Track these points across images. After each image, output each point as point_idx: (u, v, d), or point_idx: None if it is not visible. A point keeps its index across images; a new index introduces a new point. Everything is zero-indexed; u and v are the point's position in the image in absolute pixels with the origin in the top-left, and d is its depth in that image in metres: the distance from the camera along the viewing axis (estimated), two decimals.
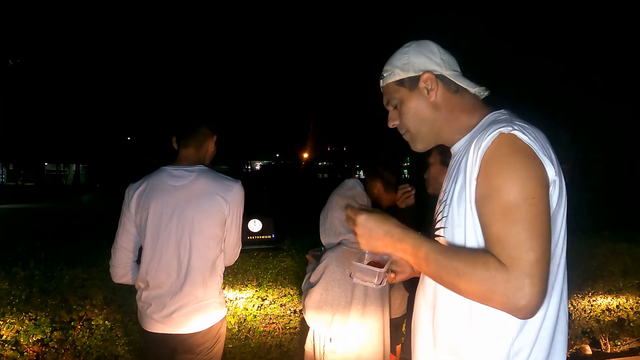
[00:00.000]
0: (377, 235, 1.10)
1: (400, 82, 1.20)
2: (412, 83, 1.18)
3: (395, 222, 1.10)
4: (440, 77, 1.17)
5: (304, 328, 3.05)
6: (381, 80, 1.25)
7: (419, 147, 1.24)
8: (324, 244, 2.23)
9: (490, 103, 1.21)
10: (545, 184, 0.96)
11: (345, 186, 2.23)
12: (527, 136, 0.97)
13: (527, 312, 0.89)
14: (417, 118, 1.19)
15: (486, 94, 1.21)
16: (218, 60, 37.78)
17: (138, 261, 2.00)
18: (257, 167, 50.93)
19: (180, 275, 1.89)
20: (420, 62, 1.17)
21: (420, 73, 1.17)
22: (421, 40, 1.22)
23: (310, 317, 2.08)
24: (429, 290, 1.15)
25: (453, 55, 1.23)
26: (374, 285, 1.21)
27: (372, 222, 1.10)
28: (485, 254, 0.95)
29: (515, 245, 0.91)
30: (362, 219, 1.12)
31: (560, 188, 1.01)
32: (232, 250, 2.06)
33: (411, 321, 1.26)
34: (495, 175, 0.96)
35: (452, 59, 1.21)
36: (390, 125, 1.25)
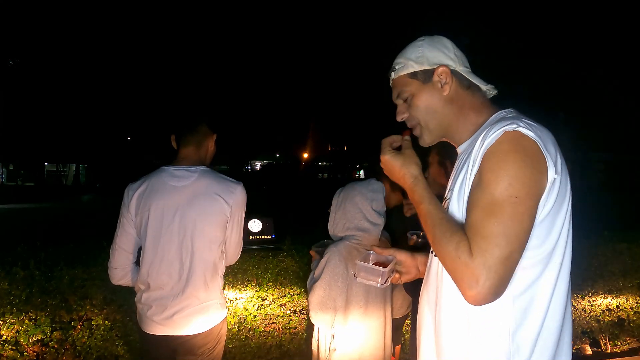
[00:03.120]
0: (395, 174, 1.19)
1: (414, 75, 1.19)
2: (425, 76, 1.18)
3: (414, 169, 1.17)
4: (454, 72, 1.17)
5: (308, 327, 3.05)
6: (392, 73, 1.24)
7: (427, 140, 1.23)
8: (330, 233, 2.22)
9: (495, 103, 1.22)
10: (536, 186, 0.96)
11: (369, 186, 2.21)
12: (532, 132, 0.98)
13: (473, 300, 0.93)
14: (428, 111, 1.18)
15: (494, 92, 1.22)
16: (218, 60, 37.78)
17: (137, 262, 1.98)
18: (257, 167, 50.91)
19: (182, 277, 1.87)
20: (434, 55, 1.17)
21: (435, 66, 1.16)
22: (434, 35, 1.22)
23: (314, 314, 2.08)
24: (431, 290, 1.16)
25: (463, 53, 1.24)
26: (378, 285, 1.22)
27: (392, 164, 1.19)
28: (462, 235, 0.98)
29: (484, 237, 0.93)
30: (385, 159, 1.20)
31: (563, 187, 1.00)
32: (234, 251, 2.06)
33: (415, 321, 1.27)
34: (488, 170, 0.98)
35: (464, 56, 1.22)
36: (399, 118, 1.25)
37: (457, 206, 1.07)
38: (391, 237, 2.42)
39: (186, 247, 1.87)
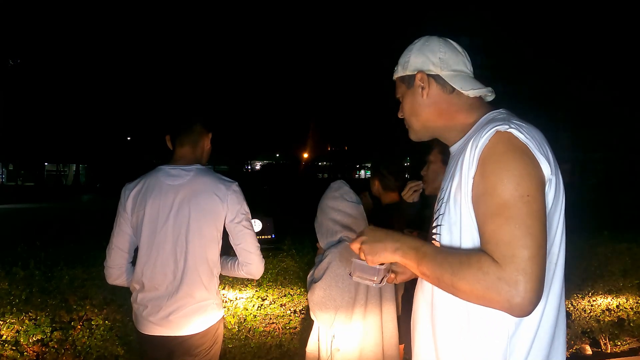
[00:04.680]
0: (378, 251, 1.13)
1: (402, 79, 1.26)
2: (409, 81, 1.24)
3: (392, 237, 1.12)
4: (434, 77, 1.20)
5: (305, 328, 3.05)
6: (394, 75, 1.31)
7: (412, 137, 1.31)
8: (323, 247, 2.24)
9: (490, 102, 1.22)
10: (541, 182, 0.96)
11: (332, 188, 2.28)
12: (523, 134, 0.98)
13: (522, 310, 0.89)
14: (411, 113, 1.25)
15: (491, 96, 1.22)
16: (218, 60, 37.78)
17: (134, 262, 1.97)
18: (257, 167, 50.91)
19: (177, 276, 1.86)
20: (417, 61, 1.21)
21: (415, 72, 1.21)
22: (429, 37, 1.24)
23: (314, 313, 2.09)
24: (427, 289, 1.16)
25: (464, 53, 1.24)
26: (374, 284, 1.21)
27: (371, 244, 1.14)
28: (479, 252, 0.96)
29: (508, 243, 0.91)
30: (363, 247, 1.16)
31: (557, 187, 1.01)
32: (257, 254, 1.96)
33: (409, 320, 1.27)
34: (490, 174, 0.97)
35: (457, 58, 1.22)
36: (399, 115, 1.32)
37: (454, 208, 1.07)
38: None
39: (181, 246, 1.86)
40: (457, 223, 1.05)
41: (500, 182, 0.95)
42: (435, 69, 1.19)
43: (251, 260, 1.96)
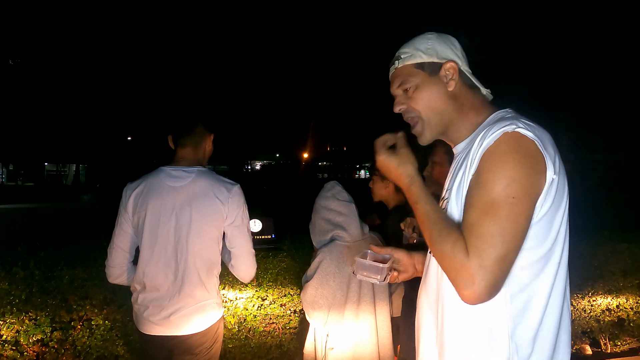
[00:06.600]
0: (391, 174, 1.16)
1: (420, 66, 1.16)
2: (433, 69, 1.15)
3: (410, 169, 1.14)
4: (460, 70, 1.17)
5: (305, 328, 3.05)
6: (396, 62, 1.19)
7: (428, 136, 1.20)
8: (316, 246, 2.26)
9: (494, 103, 1.22)
10: (533, 187, 0.97)
11: (324, 189, 2.32)
12: (530, 132, 0.98)
13: (468, 300, 0.94)
14: (430, 105, 1.16)
15: (490, 97, 1.22)
16: (218, 60, 37.79)
17: (135, 262, 1.98)
18: (257, 167, 50.91)
19: (178, 277, 1.87)
20: (444, 50, 1.16)
21: (444, 61, 1.15)
22: (442, 33, 1.22)
23: (307, 313, 2.11)
24: (431, 290, 1.15)
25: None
26: (378, 282, 1.22)
27: (388, 164, 1.16)
28: (459, 234, 0.98)
29: (481, 237, 0.94)
30: (381, 160, 1.17)
31: (561, 187, 1.01)
32: (248, 259, 1.97)
33: (408, 320, 1.27)
34: (487, 170, 0.99)
35: (466, 58, 1.21)
36: (396, 109, 1.21)
37: (455, 206, 1.07)
38: (391, 236, 2.42)
39: (182, 247, 1.87)
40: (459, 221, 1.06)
41: (492, 179, 0.97)
42: (461, 62, 1.16)
43: (240, 266, 1.97)
